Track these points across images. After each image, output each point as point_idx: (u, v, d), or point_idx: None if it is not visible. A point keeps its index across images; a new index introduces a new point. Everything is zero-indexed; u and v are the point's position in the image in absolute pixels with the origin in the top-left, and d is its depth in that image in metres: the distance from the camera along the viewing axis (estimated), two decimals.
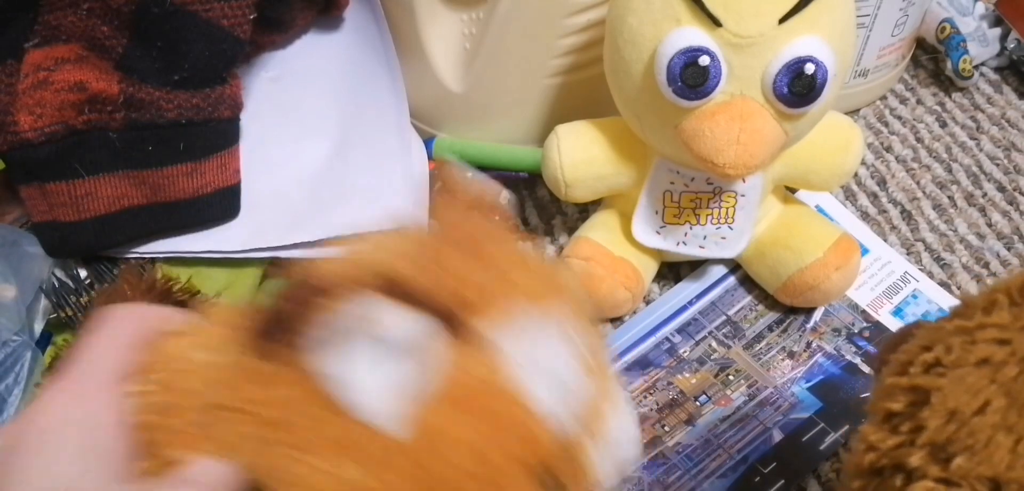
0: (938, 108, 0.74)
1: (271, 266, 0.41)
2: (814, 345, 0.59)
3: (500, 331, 0.31)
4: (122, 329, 0.34)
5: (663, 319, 0.61)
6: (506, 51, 0.63)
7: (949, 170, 0.70)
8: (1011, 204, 0.67)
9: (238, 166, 0.59)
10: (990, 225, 0.66)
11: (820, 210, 0.65)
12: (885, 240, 0.65)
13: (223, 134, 0.58)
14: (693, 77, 0.48)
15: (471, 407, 0.30)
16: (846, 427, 0.55)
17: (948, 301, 0.61)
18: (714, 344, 0.59)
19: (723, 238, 0.58)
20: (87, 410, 0.31)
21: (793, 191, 0.64)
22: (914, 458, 0.31)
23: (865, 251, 0.63)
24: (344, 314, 0.28)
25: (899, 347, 0.35)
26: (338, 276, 0.30)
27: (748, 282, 0.62)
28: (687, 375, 0.58)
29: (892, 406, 0.33)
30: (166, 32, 0.54)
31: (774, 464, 0.54)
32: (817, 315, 0.60)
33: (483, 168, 0.68)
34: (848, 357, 0.58)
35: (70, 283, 0.57)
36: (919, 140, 0.72)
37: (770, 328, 0.60)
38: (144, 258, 0.58)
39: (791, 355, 0.59)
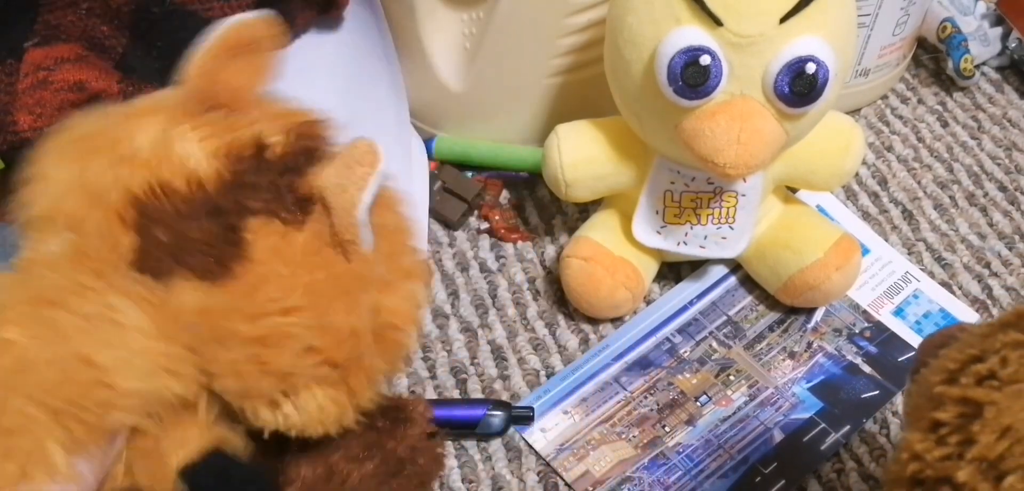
0: (939, 108, 0.74)
1: None
2: (815, 345, 0.59)
3: None
4: None
5: (663, 319, 0.61)
6: (506, 51, 0.63)
7: (950, 170, 0.70)
8: (1012, 204, 0.67)
9: None
10: (991, 225, 0.66)
11: (821, 210, 0.65)
12: (886, 240, 0.65)
13: None
14: (693, 77, 0.48)
15: None
16: (847, 427, 0.55)
17: (949, 301, 0.61)
18: (715, 344, 0.59)
19: (724, 238, 0.58)
20: None
21: (794, 191, 0.64)
22: (962, 473, 0.30)
23: (866, 251, 0.63)
24: None
25: (940, 349, 0.34)
26: None
27: (749, 282, 0.62)
28: (688, 375, 0.58)
29: (940, 416, 0.31)
30: (166, 32, 0.54)
31: (775, 465, 0.54)
32: (818, 315, 0.60)
33: (483, 168, 0.68)
34: (849, 357, 0.58)
35: None
36: (920, 140, 0.72)
37: (771, 328, 0.60)
38: None
39: (792, 355, 0.58)
